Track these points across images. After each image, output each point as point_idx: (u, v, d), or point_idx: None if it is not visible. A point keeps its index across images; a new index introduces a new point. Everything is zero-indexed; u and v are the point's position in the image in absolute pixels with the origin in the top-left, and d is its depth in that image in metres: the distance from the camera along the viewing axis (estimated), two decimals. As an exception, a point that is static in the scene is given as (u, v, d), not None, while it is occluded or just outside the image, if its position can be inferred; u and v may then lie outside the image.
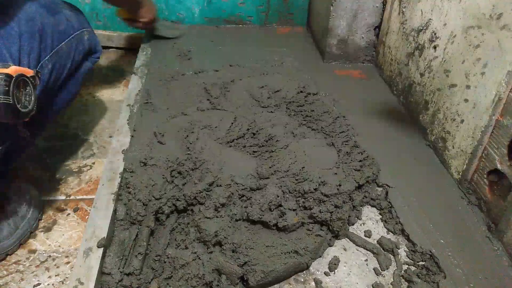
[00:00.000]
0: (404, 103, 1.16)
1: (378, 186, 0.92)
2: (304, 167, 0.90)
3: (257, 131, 1.02)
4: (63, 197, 0.96)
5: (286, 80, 1.25)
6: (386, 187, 0.91)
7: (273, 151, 0.96)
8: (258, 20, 1.59)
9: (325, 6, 1.32)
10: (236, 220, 0.80)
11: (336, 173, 0.90)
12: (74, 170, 1.03)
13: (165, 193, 0.84)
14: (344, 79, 1.30)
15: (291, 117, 1.09)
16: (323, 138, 1.02)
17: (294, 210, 0.81)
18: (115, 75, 1.43)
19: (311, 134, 1.03)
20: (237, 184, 0.85)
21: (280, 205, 0.81)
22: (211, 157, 0.92)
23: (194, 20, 1.57)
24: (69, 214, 0.92)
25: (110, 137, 1.13)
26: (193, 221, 0.79)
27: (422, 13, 1.04)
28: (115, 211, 0.82)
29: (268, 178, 0.87)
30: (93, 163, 1.05)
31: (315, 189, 0.83)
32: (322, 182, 0.85)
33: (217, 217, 0.78)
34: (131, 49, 1.56)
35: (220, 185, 0.84)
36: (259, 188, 0.85)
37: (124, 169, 0.90)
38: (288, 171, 0.89)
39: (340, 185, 0.85)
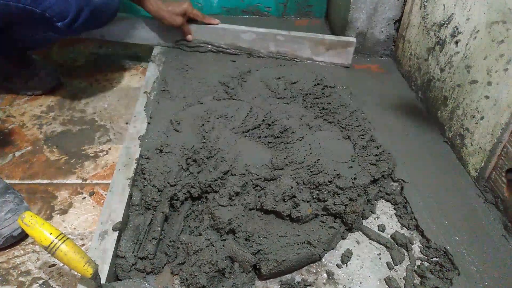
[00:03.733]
0: (422, 98, 1.14)
1: (394, 181, 0.91)
2: (319, 159, 0.90)
3: (273, 122, 1.02)
4: (79, 181, 0.97)
5: (303, 72, 1.24)
6: (402, 182, 0.90)
7: (288, 143, 0.96)
8: (277, 11, 1.59)
9: (345, -1, 1.31)
10: (250, 209, 0.80)
11: (351, 167, 0.89)
12: (90, 155, 1.04)
13: (180, 180, 0.84)
14: (362, 72, 1.29)
15: (307, 109, 1.08)
16: (339, 131, 1.01)
17: (308, 201, 0.81)
18: (132, 62, 1.44)
19: (327, 127, 1.02)
20: (251, 173, 0.85)
21: (294, 196, 0.81)
22: (226, 147, 0.92)
23: (212, 9, 1.57)
24: (85, 197, 0.93)
25: (127, 123, 1.14)
26: (207, 208, 0.79)
27: (444, 7, 1.02)
28: (130, 196, 0.83)
29: (282, 169, 0.87)
30: (109, 149, 1.06)
31: (330, 182, 0.83)
32: (337, 174, 0.85)
33: (231, 205, 0.79)
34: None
35: (235, 174, 0.84)
36: (273, 178, 0.85)
37: (140, 156, 0.91)
38: (302, 162, 0.89)
39: (355, 179, 0.85)
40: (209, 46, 1.32)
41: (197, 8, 1.56)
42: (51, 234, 0.59)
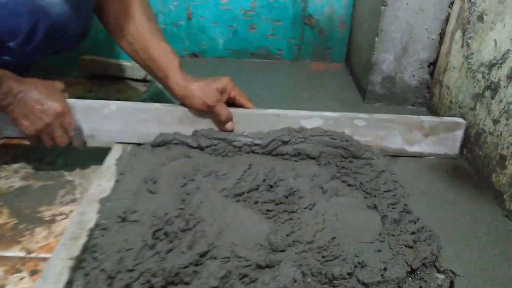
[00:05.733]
0: (469, 157, 0.90)
1: (439, 271, 0.65)
2: (335, 237, 0.66)
3: (276, 182, 0.79)
4: (22, 254, 0.75)
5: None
6: (451, 274, 0.64)
7: (293, 212, 0.73)
8: (290, 54, 1.41)
9: (369, 37, 1.11)
10: (232, 314, 0.55)
11: (379, 250, 0.65)
12: (45, 218, 0.83)
13: (141, 262, 0.61)
14: (389, 124, 1.06)
15: (321, 167, 0.86)
16: (362, 197, 0.77)
17: (317, 303, 0.56)
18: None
19: (347, 191, 0.79)
20: (239, 257, 0.61)
21: (298, 295, 0.56)
22: (211, 215, 0.70)
23: (217, 52, 1.40)
24: (23, 278, 0.70)
25: (99, 179, 0.93)
26: (170, 311, 0.55)
27: (496, 43, 0.80)
28: (70, 283, 0.60)
29: (283, 251, 0.64)
30: (71, 211, 0.85)
31: (349, 274, 0.58)
32: (359, 262, 0.60)
33: (204, 307, 0.55)
34: (135, 79, 1.39)
35: (215, 258, 0.61)
36: (269, 265, 0.61)
37: (96, 225, 0.69)
38: (312, 242, 0.65)
39: (385, 269, 0.60)
40: (256, 141, 0.89)
41: (201, 50, 1.41)
42: None
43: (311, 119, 0.90)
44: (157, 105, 0.90)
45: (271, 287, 0.57)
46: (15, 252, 0.75)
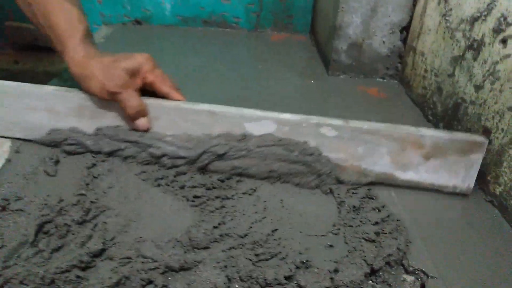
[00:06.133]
0: (445, 133, 0.76)
1: (407, 272, 0.51)
2: (276, 229, 0.52)
3: (211, 163, 0.64)
4: None
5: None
6: (422, 275, 0.50)
7: (228, 198, 0.58)
8: (248, 23, 1.24)
9: (333, -3, 0.96)
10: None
11: (331, 245, 0.51)
12: None
13: (15, 264, 0.46)
14: (356, 98, 0.92)
15: (269, 144, 0.70)
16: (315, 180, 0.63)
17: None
18: (54, 81, 1.08)
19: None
20: (143, 257, 0.46)
21: (218, 308, 0.41)
22: (119, 203, 0.54)
23: (164, 19, 1.23)
24: None
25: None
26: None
27: (479, -7, 0.67)
28: None
29: (207, 248, 0.49)
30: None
31: (288, 278, 0.44)
32: (303, 262, 0.46)
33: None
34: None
35: (112, 258, 0.46)
36: (184, 268, 0.46)
37: (-35, 216, 0.53)
38: (246, 236, 0.51)
39: (336, 271, 0.46)
40: (181, 152, 0.61)
41: (145, 17, 1.23)
42: None
43: (260, 122, 0.61)
44: (48, 88, 0.64)
45: (183, 297, 0.42)
46: None
